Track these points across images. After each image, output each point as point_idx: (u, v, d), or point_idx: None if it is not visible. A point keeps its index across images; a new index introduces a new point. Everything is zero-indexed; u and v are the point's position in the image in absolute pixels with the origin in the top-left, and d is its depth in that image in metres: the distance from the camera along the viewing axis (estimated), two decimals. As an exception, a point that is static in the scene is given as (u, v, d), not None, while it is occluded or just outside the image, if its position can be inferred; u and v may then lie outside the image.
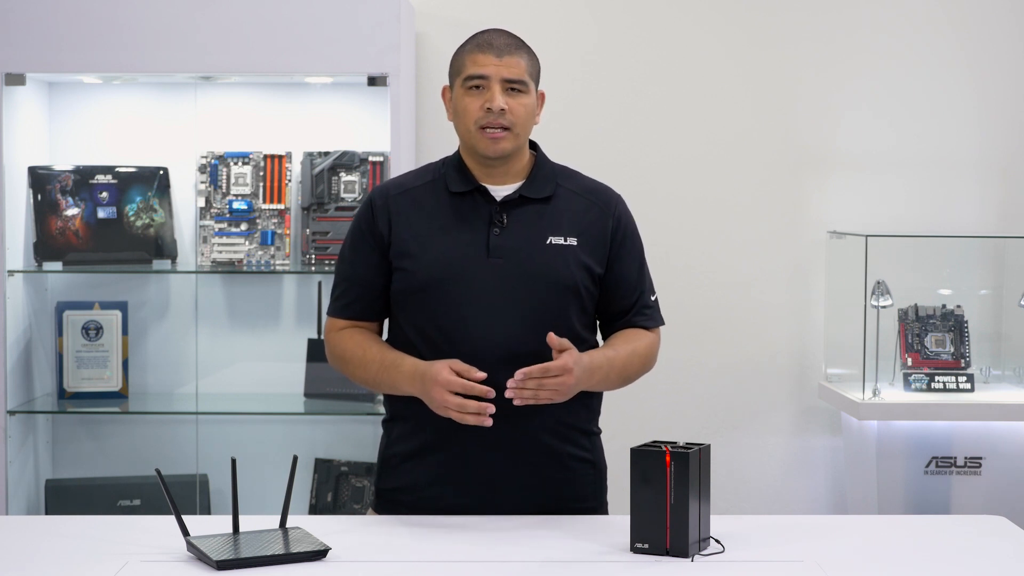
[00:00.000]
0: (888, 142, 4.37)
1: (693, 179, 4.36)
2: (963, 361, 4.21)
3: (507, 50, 2.56)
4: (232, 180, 4.10)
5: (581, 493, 2.63)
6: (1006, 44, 4.36)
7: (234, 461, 2.33)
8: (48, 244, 4.02)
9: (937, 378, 4.16)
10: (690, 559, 2.25)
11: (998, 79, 4.37)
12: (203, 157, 4.10)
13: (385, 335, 2.68)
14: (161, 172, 4.13)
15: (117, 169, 4.10)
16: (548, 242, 2.57)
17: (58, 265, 4.02)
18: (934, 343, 4.21)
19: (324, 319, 2.76)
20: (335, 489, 4.11)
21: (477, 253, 2.55)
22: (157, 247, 4.11)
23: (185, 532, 2.27)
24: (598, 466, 2.67)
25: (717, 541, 2.31)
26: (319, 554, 2.24)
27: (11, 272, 3.90)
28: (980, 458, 4.06)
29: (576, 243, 2.59)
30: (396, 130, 3.86)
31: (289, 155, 4.12)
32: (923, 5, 4.36)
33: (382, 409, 2.76)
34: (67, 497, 4.04)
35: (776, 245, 4.38)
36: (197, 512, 4.01)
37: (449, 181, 2.61)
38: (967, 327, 4.24)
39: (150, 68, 3.88)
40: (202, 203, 4.09)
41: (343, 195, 4.09)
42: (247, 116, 4.17)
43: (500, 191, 2.60)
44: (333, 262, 3.85)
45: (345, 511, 4.08)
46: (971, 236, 4.32)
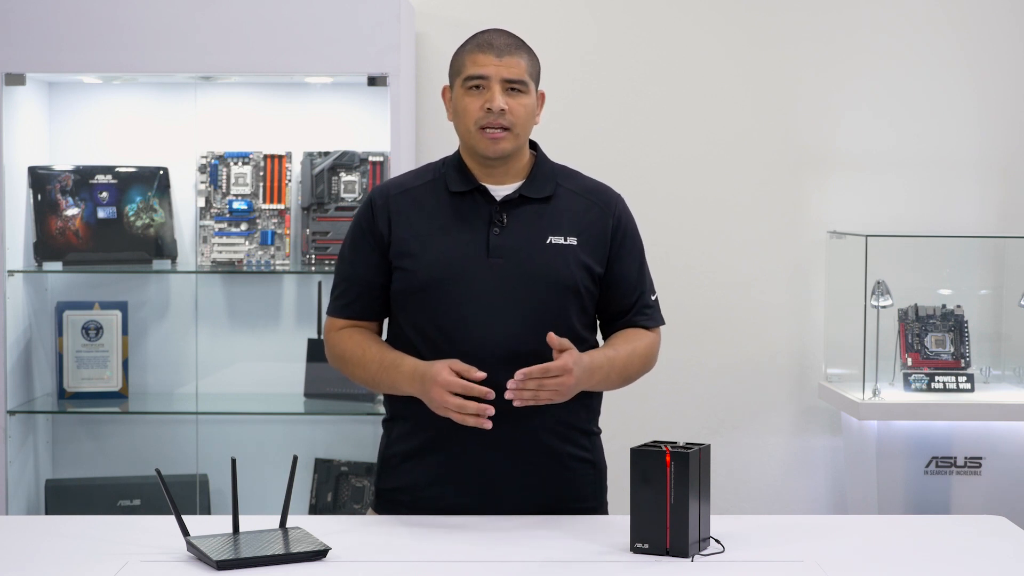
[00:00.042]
0: (888, 142, 4.37)
1: (693, 179, 4.36)
2: (963, 361, 4.21)
3: (507, 50, 2.56)
4: (232, 180, 4.10)
5: (581, 493, 2.63)
6: (1006, 44, 4.36)
7: (234, 461, 2.32)
8: (48, 244, 4.02)
9: (937, 378, 4.16)
10: (690, 559, 2.25)
11: (998, 79, 4.37)
12: (203, 157, 4.10)
13: (385, 335, 2.69)
14: (161, 172, 4.13)
15: (117, 169, 4.10)
16: (548, 242, 2.57)
17: (58, 265, 4.02)
18: (934, 343, 4.21)
19: (324, 319, 2.75)
20: (335, 489, 4.11)
21: (477, 253, 2.55)
22: (157, 247, 4.11)
23: (185, 532, 2.27)
24: (598, 466, 2.67)
25: (717, 541, 2.31)
26: (319, 554, 2.24)
27: (11, 272, 3.90)
28: (980, 458, 4.05)
29: (576, 243, 2.59)
30: (396, 130, 3.86)
31: (289, 155, 4.12)
32: (923, 5, 4.36)
33: (382, 409, 2.76)
34: (67, 497, 4.04)
35: (776, 245, 4.38)
36: (197, 512, 4.01)
37: (449, 181, 2.61)
38: (967, 327, 4.24)
39: (150, 68, 3.88)
40: (202, 203, 4.09)
41: (343, 195, 4.09)
42: (247, 116, 4.17)
43: (500, 191, 2.60)
44: (333, 262, 3.85)
45: (345, 511, 4.08)
46: (971, 236, 4.32)
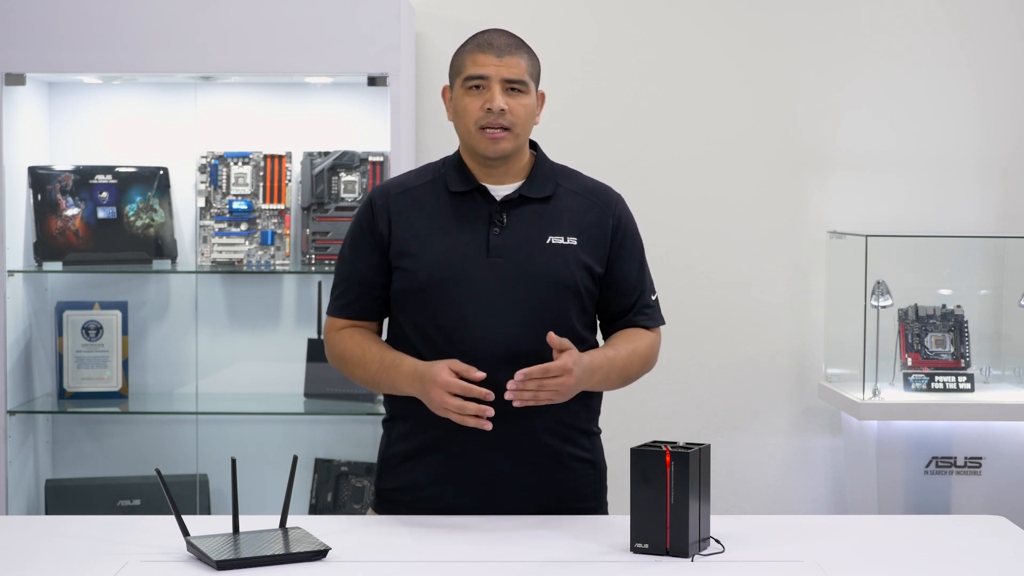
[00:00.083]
0: (888, 142, 4.37)
1: (693, 179, 4.36)
2: (963, 361, 4.21)
3: (507, 50, 2.56)
4: (232, 180, 4.10)
5: (581, 493, 2.63)
6: (1006, 44, 4.36)
7: (234, 461, 2.32)
8: (48, 244, 4.02)
9: (937, 378, 4.16)
10: (690, 559, 2.25)
11: (998, 79, 4.37)
12: (203, 157, 4.10)
13: (385, 335, 2.68)
14: (161, 172, 4.13)
15: (117, 169, 4.10)
16: (548, 242, 2.57)
17: (58, 265, 4.02)
18: (934, 343, 4.21)
19: (324, 319, 2.75)
20: (335, 489, 4.11)
21: (477, 253, 2.55)
22: (157, 247, 4.11)
23: (185, 532, 2.27)
24: (598, 466, 2.67)
25: (717, 541, 2.31)
26: (319, 554, 2.24)
27: (11, 272, 3.90)
28: (980, 458, 4.05)
29: (576, 243, 2.59)
30: (396, 130, 3.86)
31: (289, 155, 4.12)
32: (923, 5, 4.36)
33: (382, 409, 2.76)
34: (67, 497, 4.04)
35: (776, 245, 4.38)
36: (197, 512, 4.01)
37: (449, 181, 2.61)
38: (967, 327, 4.24)
39: (150, 68, 3.88)
40: (202, 203, 4.09)
41: (343, 195, 4.09)
42: (247, 116, 4.17)
43: (500, 191, 2.60)
44: (333, 262, 3.85)
45: (345, 511, 4.08)
46: (971, 236, 4.32)
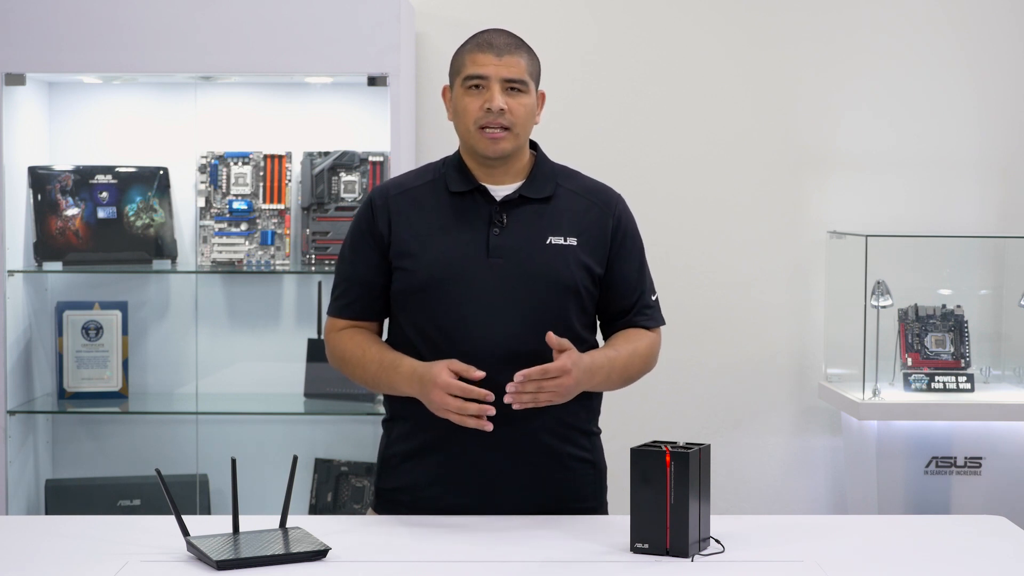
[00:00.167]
0: (888, 142, 4.37)
1: (693, 179, 4.36)
2: (963, 361, 4.21)
3: (507, 50, 2.55)
4: (232, 180, 4.10)
5: (581, 493, 2.63)
6: (1006, 44, 4.36)
7: (234, 461, 2.32)
8: (48, 244, 4.02)
9: (937, 378, 4.16)
10: (690, 559, 2.25)
11: (998, 79, 4.37)
12: (203, 157, 4.10)
13: (385, 335, 2.68)
14: (161, 172, 4.13)
15: (117, 169, 4.10)
16: (548, 242, 2.57)
17: (58, 265, 4.02)
18: (934, 343, 4.21)
19: (324, 319, 2.75)
20: (335, 489, 4.11)
21: (477, 253, 2.55)
22: (157, 247, 4.11)
23: (185, 532, 2.27)
24: (598, 466, 2.67)
25: (717, 541, 2.31)
26: (319, 554, 2.24)
27: (11, 272, 3.90)
28: (980, 458, 4.05)
29: (576, 243, 2.59)
30: (396, 130, 3.86)
31: (289, 155, 4.12)
32: (923, 5, 4.36)
33: (382, 409, 2.76)
34: (67, 497, 4.04)
35: (776, 245, 4.38)
36: (197, 512, 4.01)
37: (449, 181, 2.61)
38: (967, 327, 4.24)
39: (150, 68, 3.88)
40: (202, 203, 4.09)
41: (343, 195, 4.09)
42: (247, 116, 4.17)
43: (500, 191, 2.60)
44: (333, 262, 3.85)
45: (345, 511, 4.08)
46: (971, 236, 4.32)
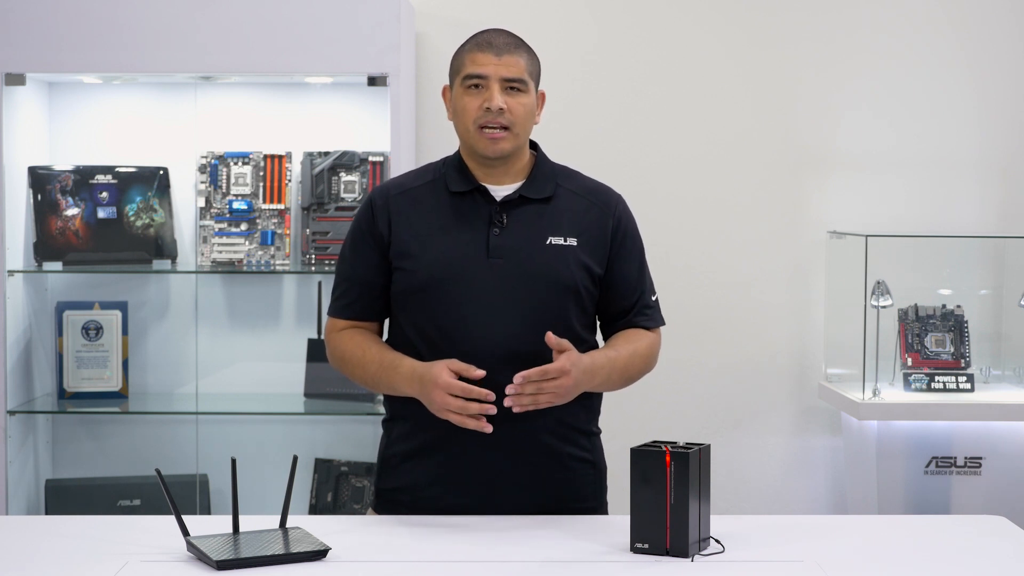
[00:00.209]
0: (888, 142, 4.37)
1: (693, 179, 4.36)
2: (963, 361, 4.21)
3: (507, 49, 2.55)
4: (232, 180, 4.10)
5: (581, 493, 2.63)
6: (1006, 44, 4.36)
7: (234, 461, 2.32)
8: (48, 244, 4.02)
9: (937, 378, 4.16)
10: (690, 559, 2.25)
11: (998, 79, 4.37)
12: (203, 157, 4.10)
13: (386, 335, 2.68)
14: (161, 172, 4.13)
15: (117, 169, 4.10)
16: (548, 242, 2.57)
17: (58, 265, 4.02)
18: (934, 343, 4.21)
19: (324, 319, 2.75)
20: (335, 489, 4.11)
21: (477, 253, 2.55)
22: (157, 247, 4.11)
23: (185, 532, 2.27)
24: (598, 466, 2.67)
25: (717, 541, 2.31)
26: (319, 554, 2.24)
27: (11, 272, 3.90)
28: (980, 458, 4.05)
29: (576, 243, 2.58)
30: (396, 130, 3.86)
31: (289, 155, 4.12)
32: (923, 5, 4.36)
33: (382, 409, 2.76)
34: (67, 497, 4.04)
35: (776, 245, 4.38)
36: (197, 512, 4.01)
37: (449, 181, 2.61)
38: (967, 327, 4.24)
39: (150, 68, 3.88)
40: (202, 203, 4.09)
41: (343, 195, 4.09)
42: (247, 116, 4.17)
43: (500, 191, 2.60)
44: (333, 262, 3.85)
45: (345, 511, 4.08)
46: (971, 236, 4.32)
